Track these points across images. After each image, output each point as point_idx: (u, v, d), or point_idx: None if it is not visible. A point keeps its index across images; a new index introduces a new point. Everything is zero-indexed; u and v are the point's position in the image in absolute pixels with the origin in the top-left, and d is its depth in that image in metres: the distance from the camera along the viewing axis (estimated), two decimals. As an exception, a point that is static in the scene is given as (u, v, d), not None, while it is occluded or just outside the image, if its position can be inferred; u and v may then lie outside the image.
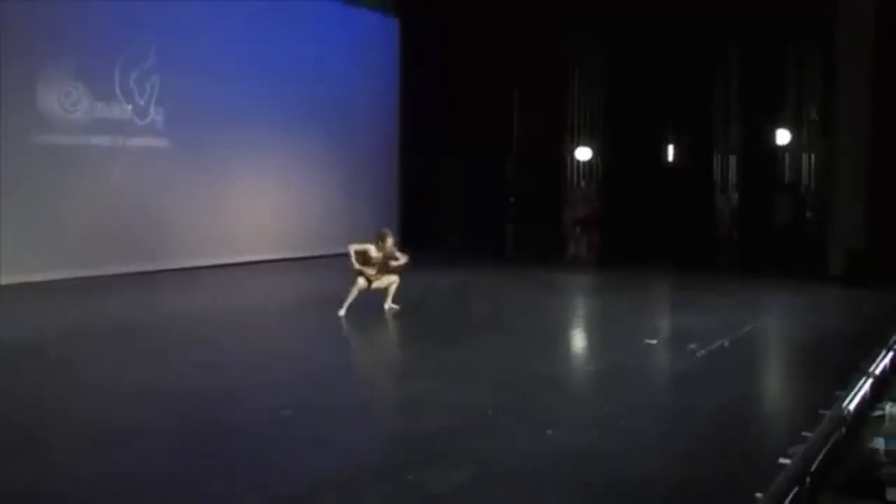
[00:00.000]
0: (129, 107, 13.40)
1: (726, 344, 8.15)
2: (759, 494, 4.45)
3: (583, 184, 16.44)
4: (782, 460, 4.97)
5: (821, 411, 6.08)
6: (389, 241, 9.80)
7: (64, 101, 12.62)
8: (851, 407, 6.37)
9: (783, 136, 14.58)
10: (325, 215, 16.24)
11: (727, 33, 14.67)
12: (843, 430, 6.06)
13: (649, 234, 15.26)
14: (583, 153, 16.36)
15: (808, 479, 4.98)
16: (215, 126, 14.42)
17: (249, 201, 15.09)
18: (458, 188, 17.64)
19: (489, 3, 16.36)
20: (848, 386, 6.65)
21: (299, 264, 14.93)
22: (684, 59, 14.97)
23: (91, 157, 12.98)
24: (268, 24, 15.16)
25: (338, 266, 10.81)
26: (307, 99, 15.87)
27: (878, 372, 7.55)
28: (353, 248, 9.75)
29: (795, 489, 4.75)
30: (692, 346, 8.03)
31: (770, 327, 9.53)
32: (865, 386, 7.08)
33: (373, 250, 9.73)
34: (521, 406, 6.16)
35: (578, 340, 9.32)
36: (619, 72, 15.64)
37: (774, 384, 7.04)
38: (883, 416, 6.63)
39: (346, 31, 16.58)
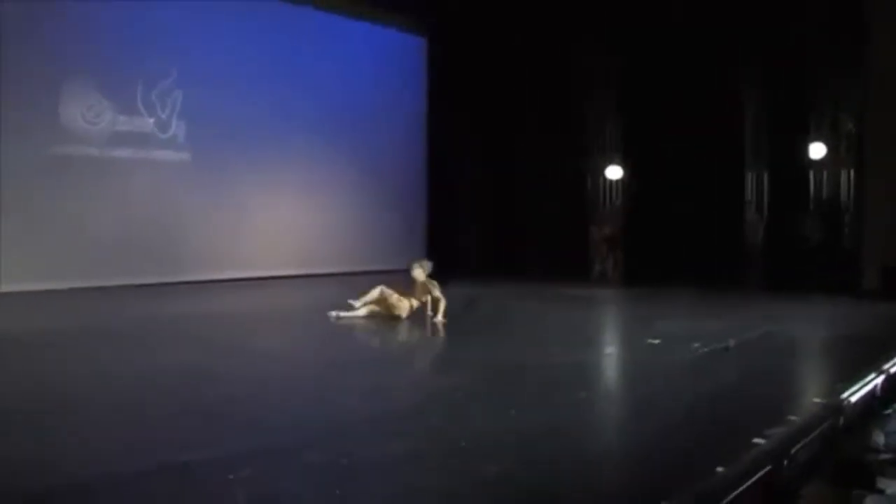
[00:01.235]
0: (151, 120, 13.57)
1: (732, 343, 7.72)
2: (720, 469, 4.10)
3: (612, 201, 16.07)
4: (757, 440, 4.60)
5: (815, 399, 5.68)
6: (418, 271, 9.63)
7: (87, 113, 12.83)
8: (853, 399, 5.95)
9: (817, 151, 14.02)
10: (350, 231, 16.14)
11: (750, 35, 14.19)
12: (841, 420, 5.65)
13: (678, 252, 14.79)
14: (613, 172, 16.02)
15: (785, 462, 4.62)
16: (237, 141, 14.49)
17: (271, 216, 15.07)
18: (486, 206, 17.43)
19: (514, 20, 16.25)
20: (852, 379, 6.22)
21: (321, 280, 14.74)
22: (706, 63, 14.52)
23: (113, 169, 13.14)
24: (291, 41, 15.27)
25: (359, 283, 10.66)
26: (331, 115, 15.85)
27: (893, 370, 7.08)
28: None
29: (768, 467, 4.39)
30: (696, 344, 7.64)
31: (788, 331, 9.03)
32: (876, 381, 6.64)
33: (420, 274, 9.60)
34: (498, 391, 5.89)
35: (582, 337, 8.93)
36: (643, 87, 15.29)
37: (774, 377, 6.60)
38: (891, 414, 6.21)
39: (371, 49, 16.59)
